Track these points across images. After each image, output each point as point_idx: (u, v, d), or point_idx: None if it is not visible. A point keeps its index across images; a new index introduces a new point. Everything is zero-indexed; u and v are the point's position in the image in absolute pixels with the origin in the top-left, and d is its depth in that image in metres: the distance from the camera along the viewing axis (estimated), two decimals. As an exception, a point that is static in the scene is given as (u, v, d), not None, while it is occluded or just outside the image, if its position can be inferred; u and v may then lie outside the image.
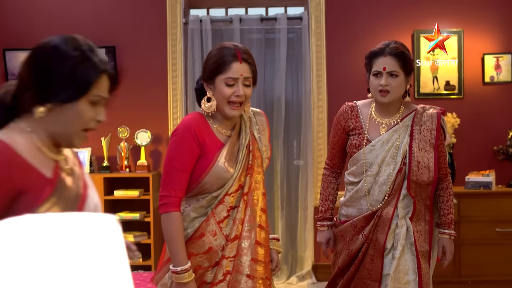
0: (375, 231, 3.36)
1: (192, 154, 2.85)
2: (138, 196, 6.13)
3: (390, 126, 3.43)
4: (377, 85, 3.34)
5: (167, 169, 2.86)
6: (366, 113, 3.47)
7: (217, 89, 2.86)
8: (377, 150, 3.38)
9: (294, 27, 6.64)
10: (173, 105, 6.50)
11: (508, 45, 6.52)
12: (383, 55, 3.33)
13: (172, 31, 6.49)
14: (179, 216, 2.83)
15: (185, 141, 2.84)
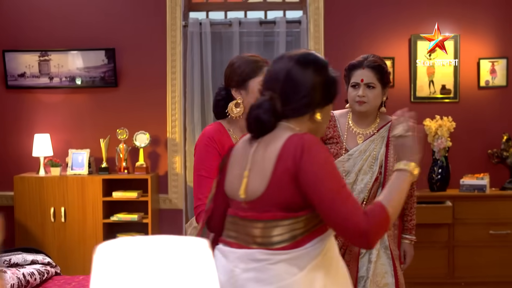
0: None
1: (216, 160, 2.95)
2: (137, 197, 6.20)
3: (367, 136, 3.56)
4: (354, 96, 3.50)
5: (196, 180, 2.99)
6: (343, 123, 3.60)
7: (252, 91, 2.98)
8: (354, 159, 3.50)
9: (293, 31, 6.70)
10: (172, 107, 6.57)
11: (503, 50, 6.59)
12: (361, 68, 3.52)
13: (171, 33, 6.56)
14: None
15: (206, 149, 2.98)
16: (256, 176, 2.26)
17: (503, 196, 6.12)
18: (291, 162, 2.17)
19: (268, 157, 2.24)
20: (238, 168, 2.34)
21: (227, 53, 6.69)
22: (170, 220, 6.60)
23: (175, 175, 6.60)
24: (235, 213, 2.32)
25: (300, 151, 2.16)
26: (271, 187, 2.21)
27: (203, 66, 6.60)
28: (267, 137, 2.29)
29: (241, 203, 2.29)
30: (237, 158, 2.38)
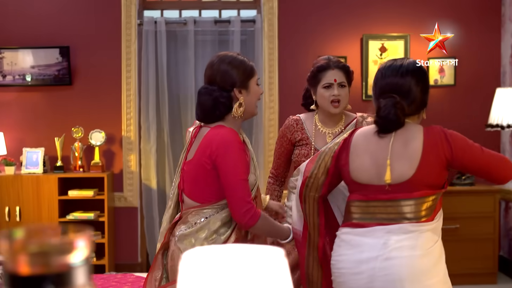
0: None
1: (248, 163, 3.02)
2: (93, 196, 6.19)
3: (335, 134, 3.69)
4: (329, 96, 3.58)
5: (236, 185, 2.94)
6: (310, 124, 3.72)
7: (252, 91, 3.09)
8: None
9: (247, 30, 6.78)
10: (127, 106, 6.58)
11: (452, 50, 6.77)
12: (331, 68, 3.60)
13: (126, 32, 6.57)
14: (262, 212, 3.03)
15: (241, 152, 2.97)
16: (401, 163, 2.78)
17: (452, 192, 6.30)
18: (441, 149, 2.79)
19: (413, 147, 2.79)
20: (370, 158, 2.84)
21: (182, 52, 6.73)
22: (125, 218, 6.61)
23: (130, 173, 6.61)
24: (373, 197, 2.81)
25: (446, 140, 2.80)
26: (420, 171, 2.75)
27: (158, 65, 6.63)
28: (400, 131, 2.83)
29: (384, 187, 2.77)
30: (362, 149, 2.87)
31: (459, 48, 6.78)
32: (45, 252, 0.80)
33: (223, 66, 3.07)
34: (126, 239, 6.62)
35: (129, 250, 6.63)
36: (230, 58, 3.10)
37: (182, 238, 3.04)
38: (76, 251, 0.82)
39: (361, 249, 2.79)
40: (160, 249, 3.12)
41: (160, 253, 3.11)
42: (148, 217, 6.63)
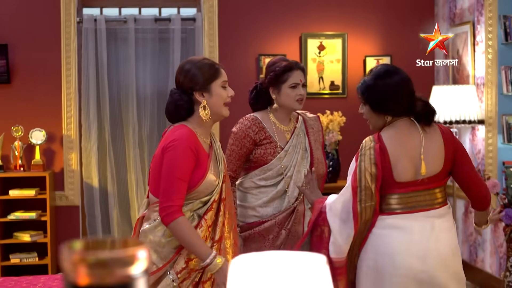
0: (294, 223, 3.78)
1: (191, 164, 3.06)
2: (35, 195, 6.13)
3: (291, 131, 3.87)
4: (295, 95, 3.76)
5: (170, 180, 3.02)
6: (268, 123, 3.83)
7: (215, 94, 3.15)
8: (290, 155, 3.80)
9: (188, 28, 6.82)
10: (67, 104, 6.53)
11: (387, 48, 6.97)
12: (296, 69, 3.78)
13: (66, 29, 6.52)
14: (185, 219, 3.02)
15: (184, 152, 3.04)
16: (432, 156, 3.20)
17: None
18: (452, 143, 3.24)
19: (438, 142, 3.23)
20: (408, 159, 3.19)
21: (123, 50, 6.73)
22: (67, 217, 6.57)
23: (71, 171, 6.58)
24: (411, 189, 3.19)
25: (451, 135, 3.27)
26: (446, 162, 3.21)
27: (98, 63, 6.61)
28: (425, 129, 3.25)
29: (423, 180, 3.18)
30: (399, 153, 3.20)
31: (394, 46, 6.97)
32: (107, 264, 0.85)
33: (185, 69, 3.17)
34: (68, 238, 6.55)
35: (71, 249, 6.58)
36: (193, 62, 3.19)
37: (142, 235, 3.13)
38: (137, 263, 0.87)
39: (411, 232, 3.17)
40: None
41: None
42: (90, 215, 6.60)
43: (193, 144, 3.08)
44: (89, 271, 0.86)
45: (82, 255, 0.87)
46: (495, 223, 3.47)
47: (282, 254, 1.03)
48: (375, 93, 3.27)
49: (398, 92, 3.25)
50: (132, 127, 6.66)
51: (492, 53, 5.81)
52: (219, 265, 3.01)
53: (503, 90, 5.70)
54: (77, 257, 0.87)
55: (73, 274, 0.87)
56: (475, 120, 5.91)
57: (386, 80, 3.26)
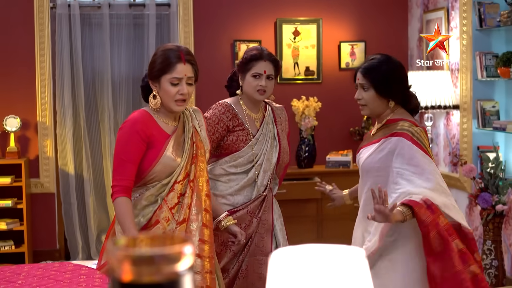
0: (264, 211, 3.81)
1: (137, 146, 3.08)
2: (10, 183, 6.07)
3: (260, 120, 3.89)
4: (256, 85, 3.74)
5: (115, 161, 3.09)
6: (240, 110, 3.85)
7: (163, 88, 3.12)
8: (260, 143, 3.83)
9: (162, 13, 6.78)
10: (41, 91, 6.46)
11: (362, 34, 7.00)
12: (263, 60, 3.75)
13: (39, 15, 6.43)
14: (126, 200, 3.04)
15: (130, 134, 3.09)
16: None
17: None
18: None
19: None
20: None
21: (97, 36, 6.67)
22: (42, 204, 6.52)
23: (46, 159, 6.52)
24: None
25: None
26: None
27: (72, 49, 6.54)
28: None
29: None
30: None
31: (368, 32, 7.00)
32: (153, 261, 0.85)
33: (153, 54, 3.22)
34: (44, 226, 6.53)
35: (47, 237, 6.55)
36: (159, 49, 3.21)
37: (116, 222, 3.17)
38: (184, 259, 0.87)
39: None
40: (110, 234, 3.22)
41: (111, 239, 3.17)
42: (65, 203, 6.56)
43: (142, 125, 3.11)
44: (134, 267, 0.87)
45: (127, 252, 0.87)
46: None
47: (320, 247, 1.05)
48: (381, 76, 3.30)
49: (400, 76, 3.34)
50: (108, 113, 6.61)
51: (467, 39, 5.87)
52: None
53: (478, 75, 5.76)
54: (122, 254, 0.87)
55: (118, 271, 0.88)
56: (450, 105, 5.98)
57: (391, 64, 3.34)
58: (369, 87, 3.33)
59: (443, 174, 6.34)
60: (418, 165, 3.17)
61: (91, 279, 3.60)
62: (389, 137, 3.30)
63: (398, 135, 3.26)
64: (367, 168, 3.38)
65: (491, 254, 5.14)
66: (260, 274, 3.77)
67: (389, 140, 3.29)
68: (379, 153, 3.32)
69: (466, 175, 5.25)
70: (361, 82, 3.38)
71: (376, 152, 3.33)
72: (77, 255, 6.50)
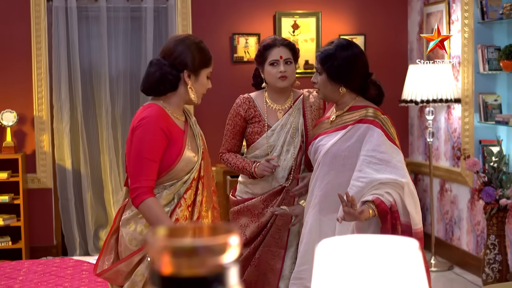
0: (282, 204, 3.68)
1: (161, 143, 2.95)
2: (7, 178, 5.99)
3: (285, 110, 3.75)
4: (276, 72, 3.65)
5: (137, 161, 2.93)
6: (260, 102, 3.77)
7: (201, 82, 3.09)
8: (278, 133, 3.71)
9: (160, 6, 6.70)
10: (38, 84, 6.38)
11: (361, 27, 6.94)
12: (277, 46, 3.67)
13: (35, 8, 6.35)
14: (154, 200, 2.93)
15: (154, 132, 2.94)
16: None
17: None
18: None
19: None
20: None
21: (94, 29, 6.59)
22: (39, 200, 6.44)
23: (43, 153, 6.44)
24: None
25: None
26: None
27: (69, 42, 6.46)
28: None
29: None
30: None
31: (368, 25, 6.95)
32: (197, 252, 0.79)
33: (183, 45, 3.06)
34: (41, 222, 6.45)
35: (44, 232, 6.47)
36: (195, 41, 3.10)
37: (124, 223, 3.04)
38: (229, 250, 0.81)
39: None
40: (111, 234, 3.10)
41: (113, 238, 3.08)
42: (63, 198, 6.48)
43: (164, 122, 2.98)
44: (175, 260, 0.80)
45: (168, 243, 0.81)
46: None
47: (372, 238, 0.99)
48: (334, 62, 3.27)
49: (355, 64, 3.29)
50: (105, 107, 6.54)
51: (469, 32, 5.82)
52: None
53: (480, 69, 5.71)
54: (162, 245, 0.81)
55: (158, 263, 0.81)
56: (452, 99, 5.93)
57: (347, 51, 3.29)
58: (322, 71, 3.32)
59: (444, 169, 6.36)
60: (386, 152, 3.14)
61: (94, 275, 3.53)
62: (357, 124, 3.26)
63: (367, 122, 3.23)
64: (332, 156, 3.29)
65: (494, 249, 5.09)
66: (273, 266, 3.70)
67: (357, 127, 3.25)
68: (347, 141, 3.26)
69: (469, 169, 5.20)
70: (316, 66, 3.38)
71: (343, 140, 3.27)
72: (75, 251, 6.43)
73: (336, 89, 3.29)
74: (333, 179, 3.27)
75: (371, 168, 3.11)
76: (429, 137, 6.16)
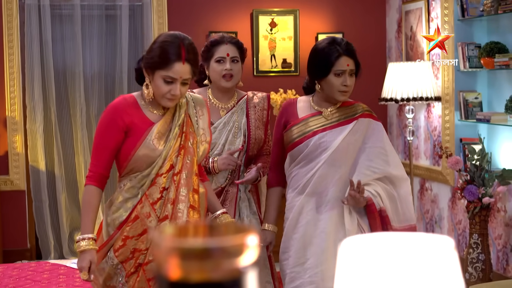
0: (224, 205, 3.55)
1: (114, 133, 2.94)
2: (-21, 180, 5.84)
3: (228, 109, 3.71)
4: (221, 70, 3.59)
5: (93, 148, 3.01)
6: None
7: (155, 82, 2.92)
8: (220, 131, 3.65)
9: (135, 4, 6.58)
10: (10, 84, 6.22)
11: (340, 25, 6.87)
12: (225, 43, 3.62)
13: (7, 5, 6.19)
14: (94, 189, 2.93)
15: (108, 121, 2.96)
16: None
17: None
18: None
19: None
20: None
21: (68, 27, 6.45)
22: (12, 202, 6.28)
23: (16, 155, 6.28)
24: None
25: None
26: None
27: (42, 41, 6.31)
28: None
29: None
30: None
31: (346, 23, 6.88)
32: (211, 254, 0.68)
33: (156, 40, 3.01)
34: (14, 225, 6.29)
35: (17, 236, 6.31)
36: (163, 39, 2.97)
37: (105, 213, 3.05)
38: (247, 252, 0.70)
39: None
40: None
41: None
42: (36, 200, 6.33)
43: (121, 113, 2.96)
44: (184, 262, 0.70)
45: (177, 243, 0.71)
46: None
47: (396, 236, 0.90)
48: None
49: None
50: (80, 107, 6.40)
51: (449, 29, 5.77)
52: (80, 249, 2.89)
53: (460, 66, 5.67)
54: (169, 246, 0.70)
55: (165, 266, 0.71)
56: (432, 97, 5.87)
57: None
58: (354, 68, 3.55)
59: (424, 167, 6.30)
60: (389, 145, 3.32)
61: (71, 279, 3.42)
62: (361, 118, 3.35)
63: (367, 116, 3.38)
64: (343, 151, 3.30)
65: (477, 248, 5.04)
66: None
67: (361, 121, 3.35)
68: (353, 135, 3.31)
69: (451, 168, 5.14)
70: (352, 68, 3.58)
71: (350, 134, 3.31)
72: (49, 255, 6.28)
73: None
74: (343, 175, 3.28)
75: (381, 159, 3.25)
76: (409, 135, 6.09)
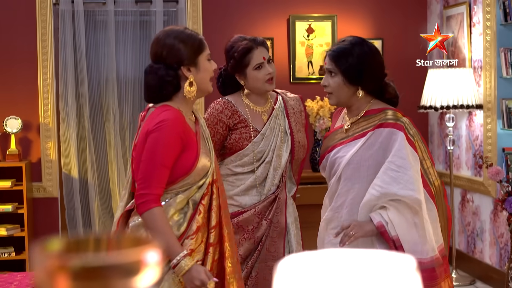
0: (275, 213, 3.48)
1: (177, 149, 2.78)
2: (10, 186, 5.78)
3: (268, 112, 3.57)
4: (264, 76, 3.44)
5: (150, 166, 2.75)
6: (241, 106, 3.54)
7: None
8: (267, 138, 3.50)
9: (170, 10, 6.50)
10: (44, 90, 6.19)
11: (379, 31, 6.69)
12: (255, 48, 3.45)
13: (41, 11, 6.17)
14: (161, 210, 2.75)
15: (171, 136, 2.76)
16: None
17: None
18: None
19: None
20: None
21: (102, 33, 6.40)
22: (45, 209, 6.24)
23: (49, 162, 6.24)
24: None
25: None
26: None
27: (76, 47, 6.27)
28: None
29: None
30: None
31: (386, 29, 6.70)
32: (100, 273, 0.55)
33: (169, 41, 2.85)
34: (46, 232, 6.24)
35: (50, 243, 6.26)
36: (176, 33, 2.87)
37: (134, 230, 2.84)
38: (145, 270, 0.56)
39: None
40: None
41: None
42: (69, 208, 6.27)
43: (181, 127, 2.79)
44: (73, 283, 0.56)
45: (63, 261, 0.56)
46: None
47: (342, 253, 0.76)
48: (350, 60, 2.94)
49: (373, 61, 2.97)
50: (113, 114, 6.33)
51: (491, 35, 5.55)
52: (185, 269, 2.71)
53: (503, 73, 5.44)
54: (56, 263, 0.56)
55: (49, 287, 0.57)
56: (473, 104, 5.66)
57: (363, 47, 2.98)
58: (337, 72, 2.97)
59: (465, 178, 6.06)
60: (405, 159, 2.85)
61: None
62: (378, 129, 2.94)
63: (388, 126, 2.93)
64: (354, 168, 2.97)
65: (519, 263, 4.80)
66: (272, 281, 3.46)
67: (378, 132, 2.94)
68: (369, 149, 2.95)
69: (492, 178, 4.92)
70: (328, 67, 3.02)
71: (365, 148, 2.96)
72: (81, 263, 6.21)
73: (353, 92, 2.98)
74: (357, 194, 2.96)
75: (387, 175, 2.84)
76: (449, 145, 5.89)
